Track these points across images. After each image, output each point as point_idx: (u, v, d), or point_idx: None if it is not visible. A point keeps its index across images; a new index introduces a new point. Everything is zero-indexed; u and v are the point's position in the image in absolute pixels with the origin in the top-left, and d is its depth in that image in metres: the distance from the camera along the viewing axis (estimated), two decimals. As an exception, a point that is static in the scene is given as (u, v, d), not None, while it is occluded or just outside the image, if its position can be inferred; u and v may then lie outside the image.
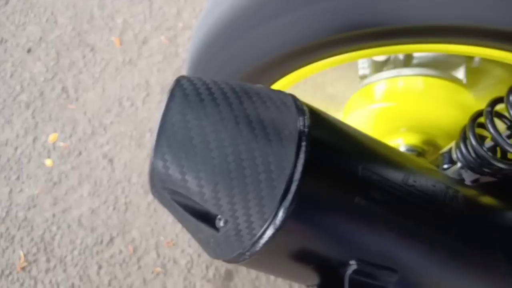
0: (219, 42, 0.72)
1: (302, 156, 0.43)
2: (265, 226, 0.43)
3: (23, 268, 1.40)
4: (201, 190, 0.43)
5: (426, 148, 0.82)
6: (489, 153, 0.61)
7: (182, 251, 1.42)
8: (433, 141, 0.80)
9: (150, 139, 1.54)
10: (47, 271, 1.40)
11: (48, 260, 1.41)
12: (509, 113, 0.58)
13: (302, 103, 0.47)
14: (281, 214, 0.43)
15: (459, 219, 0.52)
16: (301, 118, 0.45)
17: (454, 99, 0.73)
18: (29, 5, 1.84)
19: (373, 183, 0.47)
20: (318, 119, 0.47)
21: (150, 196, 1.48)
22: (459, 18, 0.59)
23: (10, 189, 1.50)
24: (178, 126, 0.43)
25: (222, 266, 1.39)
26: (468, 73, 0.87)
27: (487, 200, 0.61)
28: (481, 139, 0.62)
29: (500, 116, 0.61)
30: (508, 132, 0.59)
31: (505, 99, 0.58)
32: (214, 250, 0.48)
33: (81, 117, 1.61)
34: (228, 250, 0.46)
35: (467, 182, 0.62)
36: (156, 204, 1.47)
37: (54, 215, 1.46)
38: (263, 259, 0.47)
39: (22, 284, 1.38)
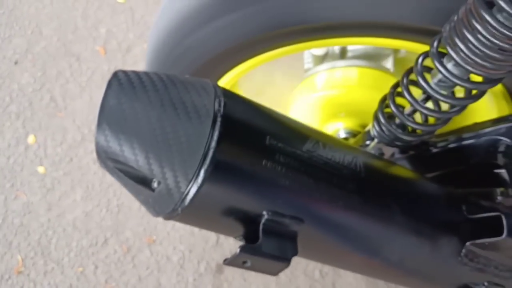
0: (173, 39, 0.85)
1: (217, 129, 0.56)
2: (189, 185, 0.56)
3: (21, 272, 1.48)
4: (136, 158, 0.55)
5: (362, 130, 0.95)
6: (398, 129, 0.77)
7: (174, 248, 1.51)
8: (368, 124, 0.93)
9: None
10: (45, 273, 1.48)
11: (45, 263, 1.49)
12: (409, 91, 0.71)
13: (220, 88, 0.60)
14: (201, 174, 0.55)
15: (356, 178, 0.66)
16: (217, 100, 0.58)
17: (384, 86, 0.84)
18: (13, 18, 1.92)
19: (278, 149, 0.60)
20: (232, 101, 0.60)
21: (141, 198, 1.57)
22: (382, 16, 0.73)
23: (5, 197, 1.58)
24: (115, 108, 0.55)
25: (213, 260, 1.49)
26: (396, 63, 1.02)
27: (388, 166, 0.76)
28: (389, 118, 0.76)
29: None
30: (411, 109, 0.74)
31: (414, 69, 0.71)
32: (154, 208, 0.60)
33: (70, 125, 1.69)
34: (163, 207, 0.58)
35: (387, 155, 0.78)
36: (147, 205, 1.57)
37: (49, 220, 1.55)
38: (192, 213, 0.59)
39: (21, 287, 1.46)
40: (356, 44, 0.91)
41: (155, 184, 0.57)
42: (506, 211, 0.71)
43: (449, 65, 0.66)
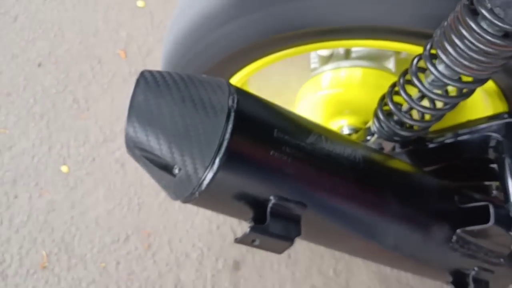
0: (188, 41, 0.99)
1: (230, 123, 0.68)
2: (206, 171, 0.68)
3: (46, 267, 1.62)
4: (160, 147, 0.68)
5: (364, 127, 1.08)
6: (396, 126, 0.90)
7: (193, 245, 1.65)
8: (369, 121, 1.05)
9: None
10: (68, 269, 1.63)
11: (69, 259, 1.64)
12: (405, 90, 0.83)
13: (233, 87, 0.73)
14: (217, 162, 0.68)
15: (355, 169, 0.79)
16: (231, 97, 0.70)
17: (386, 86, 0.96)
18: (37, 22, 2.07)
19: (284, 142, 0.73)
20: (244, 98, 0.73)
21: (161, 196, 1.71)
22: (382, 20, 0.86)
23: (30, 195, 1.73)
24: (142, 104, 0.68)
25: (230, 257, 1.62)
26: (397, 63, 1.15)
27: (385, 159, 0.89)
28: (388, 115, 0.89)
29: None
30: (407, 107, 0.86)
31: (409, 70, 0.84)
32: (175, 192, 0.73)
33: (93, 126, 1.84)
34: (183, 191, 0.71)
35: (387, 150, 0.92)
36: (167, 204, 1.70)
37: (72, 217, 1.69)
38: (208, 197, 0.72)
39: (46, 282, 1.61)
40: (359, 46, 1.04)
41: (176, 171, 0.69)
42: (494, 202, 0.84)
43: (440, 67, 0.78)
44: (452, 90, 0.84)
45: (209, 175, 0.68)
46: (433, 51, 0.80)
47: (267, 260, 1.62)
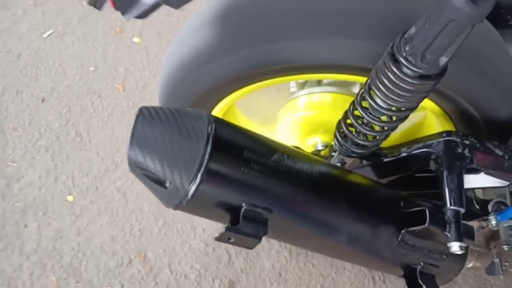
0: (181, 74, 1.28)
1: (209, 146, 0.95)
2: (190, 185, 0.95)
3: (55, 292, 1.89)
4: (155, 166, 0.94)
5: None
6: (352, 145, 1.17)
7: (191, 267, 1.91)
8: None
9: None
10: (77, 292, 1.89)
11: (77, 283, 1.90)
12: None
13: (212, 117, 1.00)
14: (199, 177, 0.95)
15: (311, 181, 1.07)
16: (210, 126, 0.97)
17: None
18: (39, 59, 2.38)
19: (253, 160, 1.01)
20: (221, 126, 1.00)
21: (161, 222, 1.98)
22: (341, 60, 1.14)
23: (38, 224, 2.00)
24: (141, 133, 0.95)
25: (226, 278, 1.89)
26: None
27: (339, 172, 1.17)
28: (344, 135, 1.17)
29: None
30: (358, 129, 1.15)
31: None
32: (167, 201, 1.00)
33: (95, 157, 2.13)
34: (173, 200, 0.98)
35: (349, 164, 1.19)
36: (166, 229, 1.98)
37: (79, 244, 1.96)
38: (193, 204, 0.98)
39: (56, 305, 1.88)
40: (323, 78, 1.32)
41: (167, 184, 0.96)
42: (434, 207, 1.10)
43: (377, 100, 1.05)
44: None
45: (193, 188, 0.95)
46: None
47: (260, 279, 1.89)
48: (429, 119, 1.37)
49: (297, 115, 1.45)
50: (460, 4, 0.79)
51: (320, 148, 1.40)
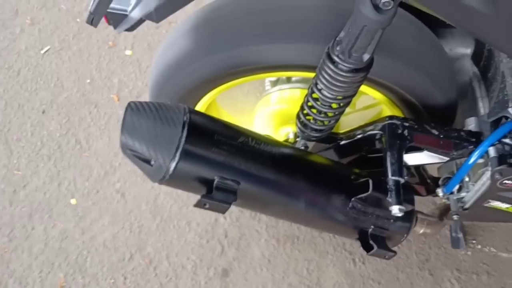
0: (167, 75, 1.63)
1: (185, 132, 1.25)
2: (171, 162, 1.25)
3: (64, 287, 2.23)
4: (142, 148, 1.24)
5: None
6: (308, 129, 1.53)
7: (188, 258, 2.25)
8: None
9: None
10: (83, 286, 2.22)
11: (83, 278, 2.23)
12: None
13: (188, 108, 1.30)
14: (177, 156, 1.25)
15: (272, 158, 1.40)
16: (186, 115, 1.28)
17: None
18: (37, 74, 2.76)
19: (222, 142, 1.31)
20: (195, 115, 1.31)
21: (158, 219, 2.34)
22: (300, 60, 1.50)
23: (45, 226, 2.35)
24: (129, 122, 1.25)
25: (219, 266, 2.23)
26: None
27: (296, 151, 1.53)
28: (302, 123, 1.53)
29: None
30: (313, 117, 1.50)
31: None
32: (153, 177, 1.29)
33: (94, 162, 2.49)
34: (157, 176, 1.28)
35: (311, 148, 1.56)
36: (163, 225, 2.33)
37: (83, 242, 2.30)
38: (174, 179, 1.28)
39: (64, 299, 2.23)
40: (290, 75, 1.69)
41: (152, 162, 1.25)
42: (375, 178, 1.45)
43: (323, 91, 1.40)
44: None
45: (173, 165, 1.26)
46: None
47: (251, 266, 2.23)
48: (385, 110, 1.73)
49: (270, 109, 1.82)
50: (367, 12, 1.12)
51: (291, 136, 1.73)
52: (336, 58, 1.29)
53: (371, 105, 1.88)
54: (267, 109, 1.82)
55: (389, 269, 2.19)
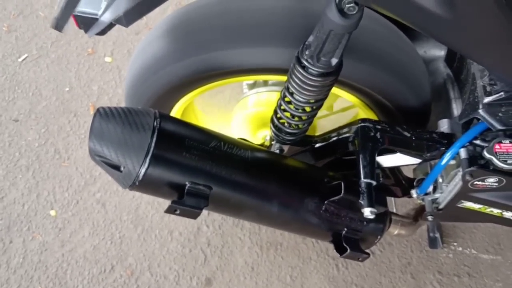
0: (141, 79, 1.73)
1: (154, 137, 1.31)
2: (140, 168, 1.31)
3: (43, 300, 2.34)
4: (111, 154, 1.29)
5: None
6: (285, 134, 1.63)
7: (170, 268, 2.36)
8: None
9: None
10: (63, 299, 2.35)
11: (63, 291, 2.36)
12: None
13: (158, 113, 1.37)
14: (147, 162, 1.31)
15: (245, 163, 1.49)
16: (156, 120, 1.34)
17: None
18: (15, 83, 2.88)
19: (193, 146, 1.38)
20: (166, 120, 1.37)
21: (140, 229, 2.44)
22: (273, 64, 1.60)
23: (23, 239, 2.45)
24: (98, 128, 1.30)
25: (203, 275, 2.33)
26: None
27: (269, 155, 1.61)
28: (276, 127, 1.63)
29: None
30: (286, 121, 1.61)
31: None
32: (123, 183, 1.34)
33: (74, 172, 2.60)
34: (128, 182, 1.33)
35: (286, 152, 1.65)
36: (145, 235, 2.43)
37: (63, 255, 2.40)
38: (144, 185, 1.35)
39: (44, 313, 2.33)
40: (266, 79, 1.80)
41: (122, 168, 1.30)
42: (348, 181, 1.56)
43: (295, 95, 1.50)
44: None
45: (143, 170, 1.31)
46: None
47: (234, 274, 2.34)
48: (360, 114, 1.84)
49: (247, 112, 1.91)
50: (333, 17, 1.21)
51: (268, 139, 1.82)
52: (305, 63, 1.38)
53: (348, 107, 1.99)
54: (244, 112, 1.92)
55: (372, 274, 2.31)
